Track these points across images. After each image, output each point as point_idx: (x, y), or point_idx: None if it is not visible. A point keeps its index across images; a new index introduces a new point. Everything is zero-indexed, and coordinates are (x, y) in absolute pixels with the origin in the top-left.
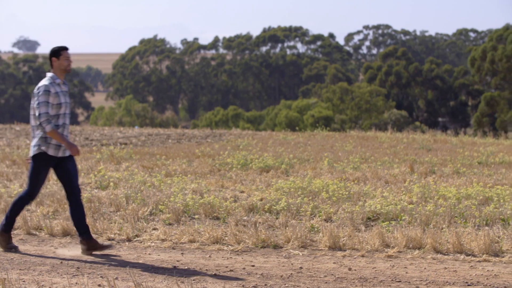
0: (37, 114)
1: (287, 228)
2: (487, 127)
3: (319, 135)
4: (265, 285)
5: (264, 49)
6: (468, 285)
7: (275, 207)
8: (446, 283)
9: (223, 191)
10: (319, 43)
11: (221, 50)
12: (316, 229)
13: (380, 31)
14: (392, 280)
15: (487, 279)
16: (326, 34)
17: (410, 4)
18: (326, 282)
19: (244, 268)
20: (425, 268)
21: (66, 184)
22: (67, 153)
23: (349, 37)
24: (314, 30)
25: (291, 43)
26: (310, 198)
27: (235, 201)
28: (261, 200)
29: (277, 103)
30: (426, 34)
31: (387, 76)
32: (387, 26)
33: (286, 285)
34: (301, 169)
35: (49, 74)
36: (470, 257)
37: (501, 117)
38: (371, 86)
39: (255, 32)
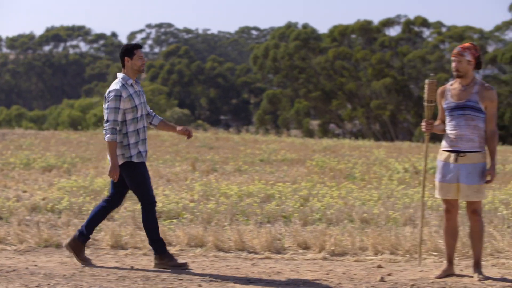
0: (105, 119)
1: (69, 227)
2: (269, 124)
3: (101, 134)
4: (48, 284)
5: (47, 48)
6: (251, 282)
7: (57, 206)
8: (228, 280)
9: (6, 190)
10: (101, 42)
11: (4, 50)
12: (98, 228)
13: (162, 30)
14: (174, 278)
15: (269, 276)
16: (109, 33)
17: (192, 3)
18: (108, 281)
19: (27, 268)
20: (207, 266)
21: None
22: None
23: (132, 36)
24: (97, 29)
25: (74, 42)
26: (92, 197)
27: (17, 200)
28: (44, 199)
29: (60, 103)
30: (209, 32)
31: (169, 75)
32: (170, 25)
33: (69, 284)
34: (83, 168)
35: (119, 75)
36: (252, 254)
37: (283, 115)
38: (153, 85)
39: (39, 31)
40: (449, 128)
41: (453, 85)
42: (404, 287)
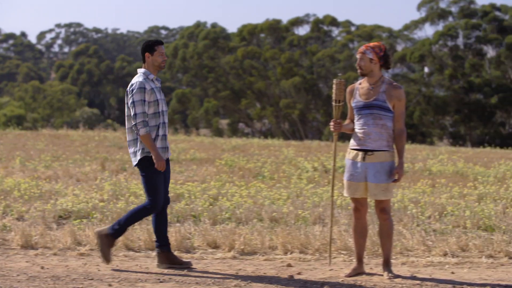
0: (132, 113)
1: None
2: (178, 124)
3: (11, 134)
4: None
5: None
6: (161, 281)
7: None
8: (138, 280)
9: None
10: (11, 41)
11: None
12: (8, 228)
13: (72, 29)
14: (84, 278)
15: (179, 275)
16: (18, 33)
17: (101, 2)
18: (18, 281)
19: None
20: (117, 266)
21: None
22: (169, 156)
23: (42, 35)
24: (6, 28)
25: None
26: (2, 197)
27: None
28: None
29: None
30: (118, 32)
31: (79, 74)
32: (79, 25)
33: None
34: None
35: (140, 70)
36: None
37: (192, 114)
38: (63, 85)
39: None
40: (357, 127)
41: (361, 84)
42: (314, 286)
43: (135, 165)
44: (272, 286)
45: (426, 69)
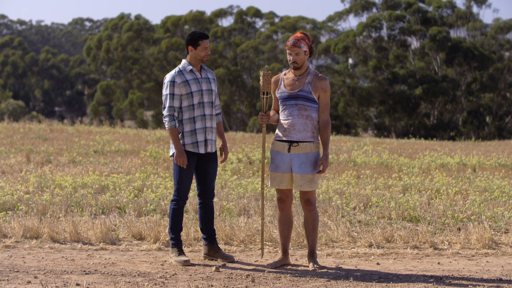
0: (163, 106)
1: None
2: (103, 115)
3: None
4: None
5: None
6: (86, 273)
7: None
8: (64, 272)
9: None
10: None
11: None
12: None
13: None
14: (10, 270)
15: (104, 267)
16: None
17: None
18: None
19: None
20: (43, 258)
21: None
22: (212, 150)
23: None
24: None
25: None
26: None
27: None
28: None
29: None
30: (42, 23)
31: (3, 67)
32: (3, 16)
33: None
34: None
35: (182, 61)
36: (87, 245)
37: (117, 106)
38: None
39: None
40: (282, 118)
41: (286, 75)
42: (239, 277)
43: (170, 156)
44: (197, 277)
45: (350, 61)
